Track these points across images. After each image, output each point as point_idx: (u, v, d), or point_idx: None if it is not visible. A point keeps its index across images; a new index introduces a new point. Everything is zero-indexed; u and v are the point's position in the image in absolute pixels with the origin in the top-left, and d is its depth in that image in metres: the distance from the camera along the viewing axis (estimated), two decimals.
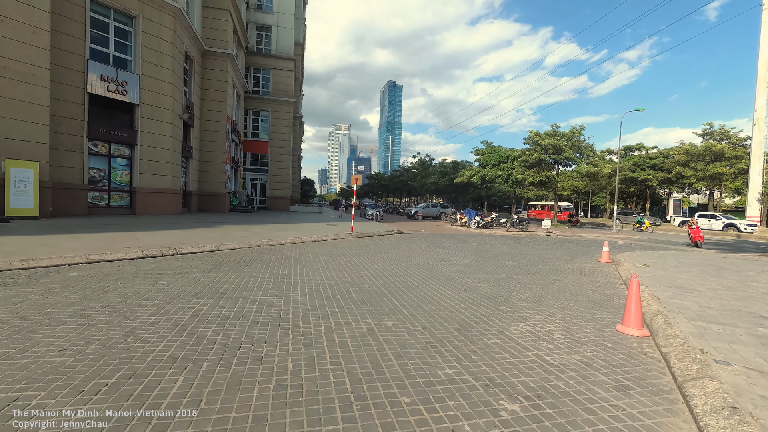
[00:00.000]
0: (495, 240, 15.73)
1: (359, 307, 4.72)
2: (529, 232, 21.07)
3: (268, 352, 3.20)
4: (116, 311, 4.07)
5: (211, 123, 23.18)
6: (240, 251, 8.99)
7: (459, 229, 22.12)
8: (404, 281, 6.43)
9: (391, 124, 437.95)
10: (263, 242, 10.37)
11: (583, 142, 28.05)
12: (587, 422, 2.41)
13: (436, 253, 10.36)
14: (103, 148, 15.77)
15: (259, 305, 4.57)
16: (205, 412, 2.28)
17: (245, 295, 5.00)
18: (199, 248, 8.65)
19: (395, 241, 13.42)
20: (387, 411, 2.40)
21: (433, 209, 35.57)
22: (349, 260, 8.46)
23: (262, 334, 3.63)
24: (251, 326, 3.83)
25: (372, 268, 7.63)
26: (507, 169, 32.93)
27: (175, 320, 3.88)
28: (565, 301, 5.62)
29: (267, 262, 7.72)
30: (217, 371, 2.81)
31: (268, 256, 8.51)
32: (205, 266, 6.90)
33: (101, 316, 3.91)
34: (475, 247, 12.39)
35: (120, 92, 15.71)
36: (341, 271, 7.06)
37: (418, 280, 6.63)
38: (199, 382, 2.64)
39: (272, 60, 32.28)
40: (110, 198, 16.07)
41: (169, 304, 4.39)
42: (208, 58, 22.86)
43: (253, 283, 5.73)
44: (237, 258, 7.99)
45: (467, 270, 7.88)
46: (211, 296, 4.84)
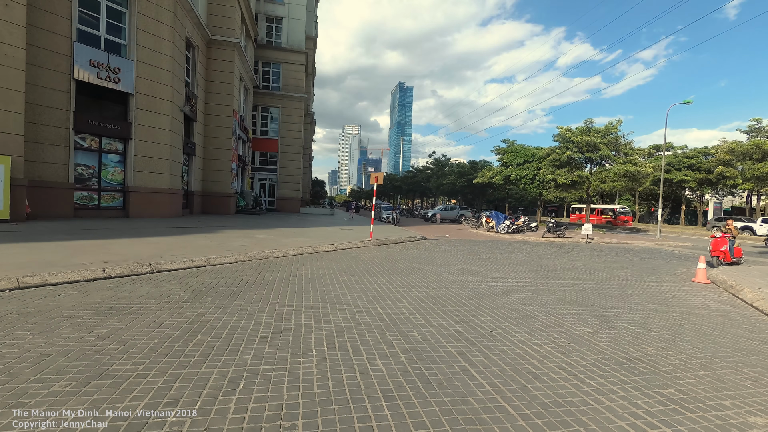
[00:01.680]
0: (537, 249, 13.51)
1: (419, 390, 2.66)
2: (567, 239, 18.74)
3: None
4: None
5: (216, 117, 21.44)
6: (236, 267, 7.02)
7: (486, 234, 19.94)
8: (466, 322, 4.35)
9: (402, 126, 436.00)
10: (267, 253, 8.39)
11: (621, 138, 25.53)
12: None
13: (481, 269, 8.24)
14: (93, 143, 14.06)
15: (243, 396, 2.53)
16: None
17: (224, 363, 2.97)
18: (183, 263, 6.71)
19: (423, 250, 11.34)
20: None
21: (452, 212, 33.33)
22: (377, 282, 6.41)
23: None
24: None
25: (411, 295, 5.57)
26: (533, 168, 30.50)
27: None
28: (748, 369, 3.45)
29: (269, 285, 5.72)
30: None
31: (271, 274, 6.52)
32: (181, 294, 4.93)
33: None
34: (522, 259, 10.22)
35: (112, 80, 13.99)
36: (371, 303, 5.01)
37: (484, 318, 4.54)
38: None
39: (283, 53, 30.53)
40: (100, 198, 14.35)
41: (80, 393, 2.39)
42: (213, 47, 21.14)
43: (242, 330, 3.72)
44: (230, 278, 6.01)
45: (539, 298, 5.75)
46: (164, 366, 2.83)
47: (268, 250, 8.67)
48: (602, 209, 36.87)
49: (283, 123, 30.78)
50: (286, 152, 31.07)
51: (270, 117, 31.09)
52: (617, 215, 34.40)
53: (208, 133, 21.35)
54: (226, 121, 21.62)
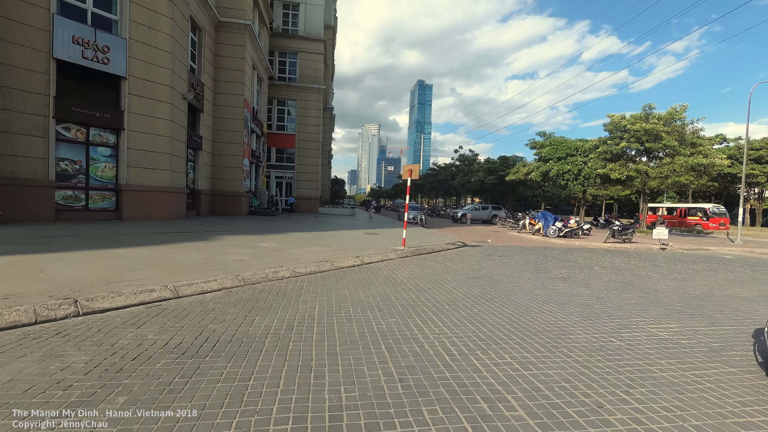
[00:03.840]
0: (613, 260, 10.62)
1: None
2: (635, 244, 15.61)
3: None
4: None
5: (226, 108, 19.41)
6: (216, 301, 4.63)
7: (532, 239, 17.05)
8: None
9: (421, 124, 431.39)
10: (269, 273, 5.98)
11: (688, 126, 21.93)
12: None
13: (574, 299, 5.54)
14: (79, 134, 12.15)
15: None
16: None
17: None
18: (136, 295, 4.36)
19: (473, 263, 8.70)
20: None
21: (484, 212, 30.35)
22: (435, 332, 3.85)
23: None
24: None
25: (511, 375, 2.97)
26: (577, 163, 27.13)
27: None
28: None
29: (254, 347, 3.26)
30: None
31: (264, 318, 4.08)
32: (74, 383, 2.53)
33: None
34: (616, 279, 7.42)
35: (100, 60, 12.03)
36: (445, 403, 2.45)
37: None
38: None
39: (300, 42, 28.39)
40: (89, 198, 12.43)
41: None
42: (222, 30, 19.11)
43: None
44: (194, 329, 3.60)
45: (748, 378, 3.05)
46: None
47: (270, 268, 6.26)
48: (687, 209, 28.94)
49: (300, 117, 28.67)
50: (304, 148, 28.95)
51: (287, 111, 29.04)
52: (709, 217, 26.61)
53: (217, 126, 19.35)
54: (237, 112, 19.56)
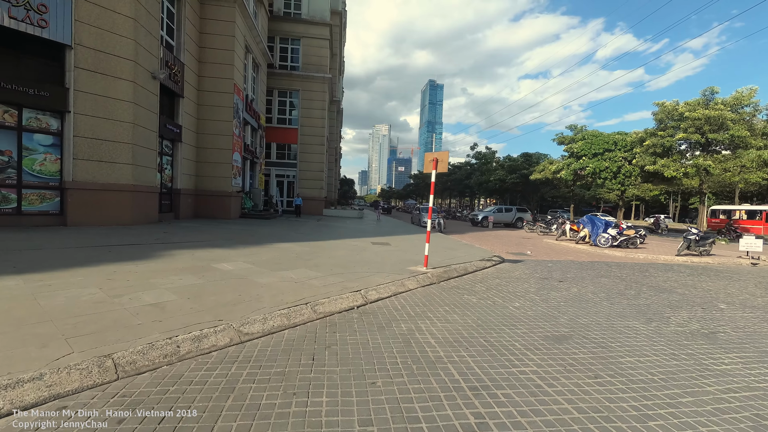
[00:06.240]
0: (720, 284, 7.44)
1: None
2: (714, 257, 12.32)
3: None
4: None
5: (212, 95, 16.74)
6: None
7: (578, 248, 13.90)
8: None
9: (432, 124, 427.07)
10: (183, 343, 3.06)
11: (758, 113, 18.41)
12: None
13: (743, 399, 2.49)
14: (8, 116, 9.53)
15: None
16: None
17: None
18: None
19: (532, 295, 5.66)
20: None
21: (508, 214, 27.11)
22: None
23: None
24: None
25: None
26: (616, 159, 23.69)
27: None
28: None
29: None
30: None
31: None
32: None
33: None
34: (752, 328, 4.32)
35: (34, 21, 9.40)
36: None
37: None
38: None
39: (303, 26, 25.68)
40: (21, 198, 9.81)
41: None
42: (208, 3, 16.46)
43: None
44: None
45: None
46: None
47: (196, 326, 3.36)
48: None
49: (303, 108, 25.95)
50: (307, 144, 26.22)
51: (288, 103, 26.36)
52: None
53: (201, 115, 16.68)
54: (226, 98, 16.86)
